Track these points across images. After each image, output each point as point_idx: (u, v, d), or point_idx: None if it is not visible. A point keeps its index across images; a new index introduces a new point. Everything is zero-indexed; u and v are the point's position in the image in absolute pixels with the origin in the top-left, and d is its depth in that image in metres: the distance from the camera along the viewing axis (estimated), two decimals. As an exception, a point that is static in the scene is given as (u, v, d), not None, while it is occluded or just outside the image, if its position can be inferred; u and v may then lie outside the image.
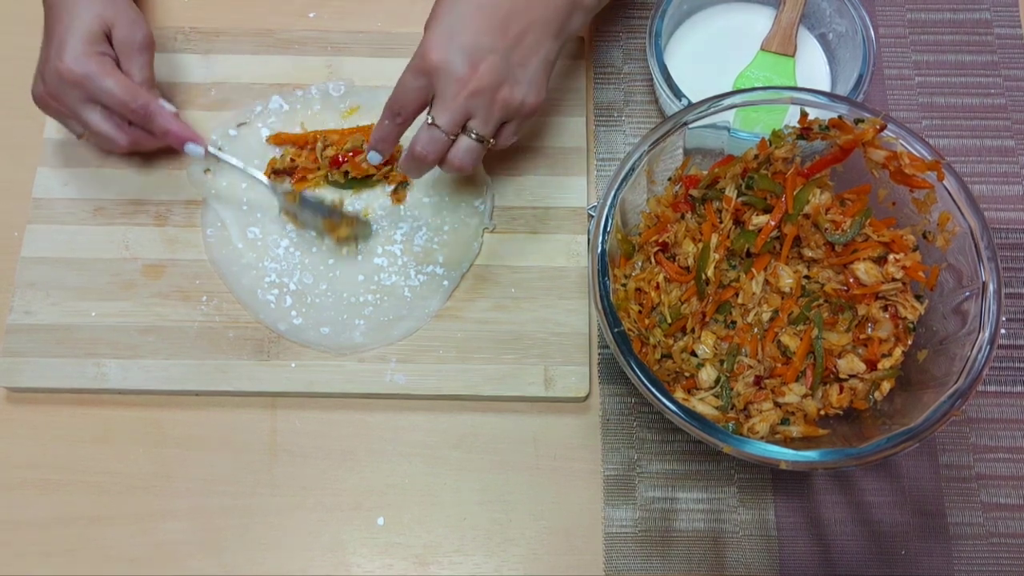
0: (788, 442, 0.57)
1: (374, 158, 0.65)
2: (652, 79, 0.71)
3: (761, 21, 0.74)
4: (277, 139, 0.72)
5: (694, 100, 0.62)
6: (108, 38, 0.66)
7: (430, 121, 0.59)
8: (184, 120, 0.68)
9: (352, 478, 0.65)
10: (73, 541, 0.63)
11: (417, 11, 0.77)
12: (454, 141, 0.60)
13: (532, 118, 0.63)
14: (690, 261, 0.61)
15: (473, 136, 0.60)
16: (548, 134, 0.73)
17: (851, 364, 0.58)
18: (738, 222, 0.62)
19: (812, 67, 0.73)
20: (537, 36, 0.60)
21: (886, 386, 0.58)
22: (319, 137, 0.70)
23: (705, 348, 0.60)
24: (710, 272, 0.60)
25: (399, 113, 0.61)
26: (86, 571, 0.63)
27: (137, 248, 0.69)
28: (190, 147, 0.67)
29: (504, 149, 0.64)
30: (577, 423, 0.66)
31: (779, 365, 0.59)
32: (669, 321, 0.61)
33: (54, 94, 0.65)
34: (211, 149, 0.68)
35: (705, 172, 0.62)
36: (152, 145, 0.69)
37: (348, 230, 0.68)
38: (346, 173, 0.70)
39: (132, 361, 0.66)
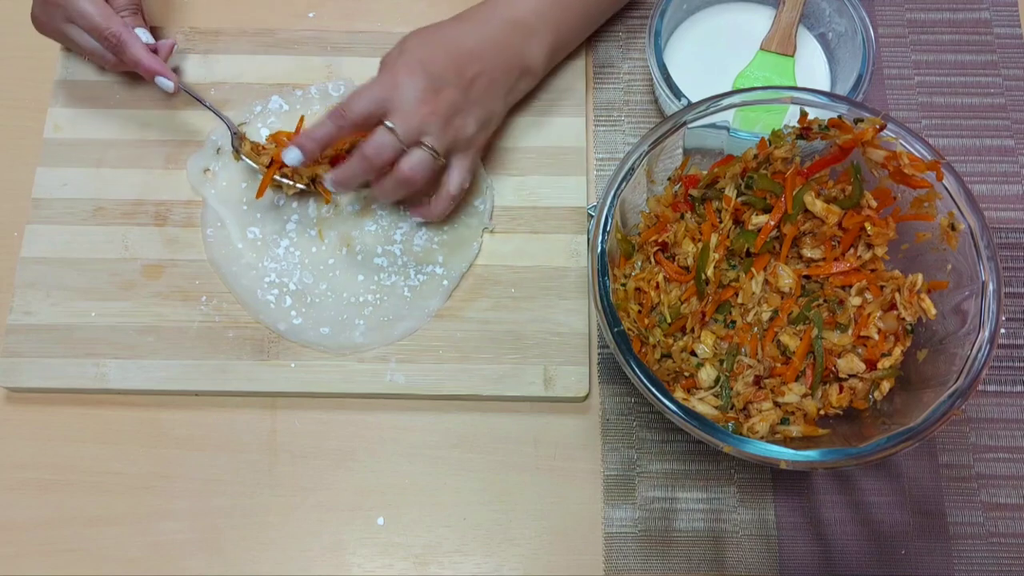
0: (788, 442, 0.57)
1: (294, 157, 0.62)
2: (652, 79, 0.71)
3: (761, 21, 0.74)
4: (276, 138, 0.72)
5: (694, 100, 0.62)
6: None
7: (390, 126, 0.61)
8: (153, 56, 0.68)
9: (352, 478, 0.65)
10: (73, 541, 0.63)
11: (417, 11, 0.77)
12: (403, 154, 0.62)
13: (476, 151, 0.67)
14: (690, 261, 0.61)
15: (427, 146, 0.62)
16: (548, 134, 0.73)
17: (851, 364, 0.58)
18: (738, 222, 0.62)
19: (812, 67, 0.73)
20: (488, 87, 0.65)
21: (886, 386, 0.58)
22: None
23: (705, 348, 0.60)
24: (710, 272, 0.60)
25: (346, 118, 0.61)
26: (86, 571, 0.63)
27: (137, 248, 0.69)
28: (160, 80, 0.68)
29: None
30: (577, 423, 0.66)
31: (779, 365, 0.59)
32: (669, 321, 0.61)
33: (42, 15, 0.67)
34: (181, 85, 0.69)
35: (705, 172, 0.62)
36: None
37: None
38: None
39: (132, 361, 0.66)
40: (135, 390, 0.66)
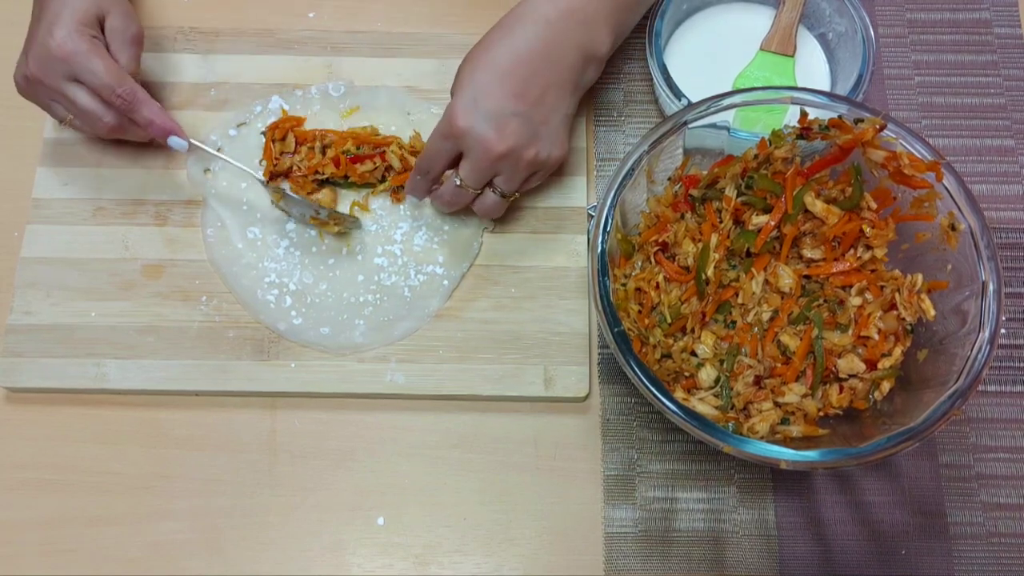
0: (788, 442, 0.57)
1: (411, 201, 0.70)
2: (652, 79, 0.71)
3: (761, 21, 0.74)
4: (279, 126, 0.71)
5: (694, 100, 0.62)
6: (101, 26, 0.65)
7: (458, 183, 0.63)
8: (168, 114, 0.67)
9: (352, 478, 0.65)
10: (73, 541, 0.63)
11: (417, 11, 0.77)
12: (479, 193, 0.64)
13: (555, 168, 0.66)
14: (690, 261, 0.61)
15: (498, 193, 0.64)
16: (548, 134, 0.73)
17: (851, 364, 0.58)
18: (738, 222, 0.62)
19: (812, 67, 0.73)
20: (555, 96, 0.63)
21: (886, 386, 0.58)
22: (318, 137, 0.70)
23: (705, 348, 0.60)
24: (710, 272, 0.60)
25: (428, 171, 0.64)
26: (86, 571, 0.63)
27: (137, 248, 0.69)
28: (173, 140, 0.67)
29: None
30: (577, 423, 0.66)
31: (779, 365, 0.59)
32: (669, 321, 0.61)
33: (40, 72, 0.63)
34: (194, 142, 0.67)
35: (705, 172, 0.62)
36: (135, 135, 0.68)
37: (337, 227, 0.68)
38: (346, 176, 0.70)
39: (132, 361, 0.66)
40: (135, 390, 0.66)
